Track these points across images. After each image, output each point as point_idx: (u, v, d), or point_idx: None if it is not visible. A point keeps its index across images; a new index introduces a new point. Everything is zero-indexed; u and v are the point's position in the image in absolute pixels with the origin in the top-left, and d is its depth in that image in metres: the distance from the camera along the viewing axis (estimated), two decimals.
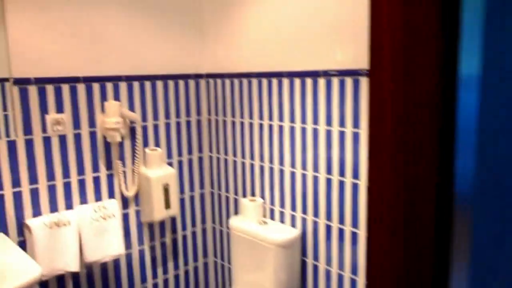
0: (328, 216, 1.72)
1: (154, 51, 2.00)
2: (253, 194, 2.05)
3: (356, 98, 1.56)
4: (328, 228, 1.73)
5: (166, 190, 1.96)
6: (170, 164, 2.11)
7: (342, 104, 1.61)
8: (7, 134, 1.60)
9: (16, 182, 1.64)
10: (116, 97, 1.88)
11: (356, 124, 1.58)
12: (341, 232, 1.68)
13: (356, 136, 1.58)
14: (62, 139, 1.74)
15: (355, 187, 1.61)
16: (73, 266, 1.70)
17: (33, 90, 1.65)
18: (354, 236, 1.64)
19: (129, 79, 1.92)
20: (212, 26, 2.14)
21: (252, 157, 2.02)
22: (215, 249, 2.34)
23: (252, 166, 2.03)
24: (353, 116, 1.58)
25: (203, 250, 2.32)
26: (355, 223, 1.63)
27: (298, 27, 1.72)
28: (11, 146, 1.62)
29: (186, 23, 2.11)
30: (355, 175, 1.60)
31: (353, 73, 1.56)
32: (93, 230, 1.75)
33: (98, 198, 1.87)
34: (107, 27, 1.83)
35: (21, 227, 1.67)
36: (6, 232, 1.63)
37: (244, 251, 1.90)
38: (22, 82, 1.62)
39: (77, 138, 1.78)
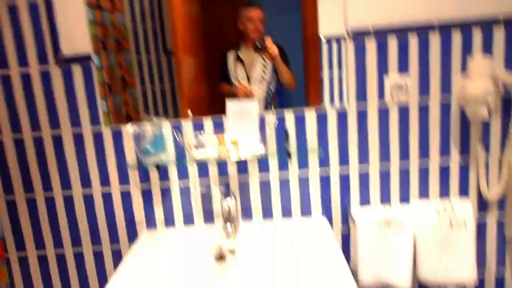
0: None
1: None
2: None
3: None
4: None
5: None
6: None
7: None
8: (340, 98, 1.29)
9: (344, 160, 1.32)
10: (487, 50, 1.25)
11: None
12: None
13: None
14: (403, 108, 1.29)
15: None
16: (403, 282, 1.27)
17: (370, 43, 1.25)
18: None
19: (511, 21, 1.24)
20: None
21: None
22: None
23: None
24: None
25: None
26: None
27: None
28: (361, 115, 1.30)
29: None
30: None
31: None
32: (434, 240, 1.25)
33: (443, 193, 1.34)
34: None
35: (346, 215, 1.36)
36: (330, 218, 1.36)
37: None
38: (357, 34, 1.24)
39: (423, 108, 1.29)
